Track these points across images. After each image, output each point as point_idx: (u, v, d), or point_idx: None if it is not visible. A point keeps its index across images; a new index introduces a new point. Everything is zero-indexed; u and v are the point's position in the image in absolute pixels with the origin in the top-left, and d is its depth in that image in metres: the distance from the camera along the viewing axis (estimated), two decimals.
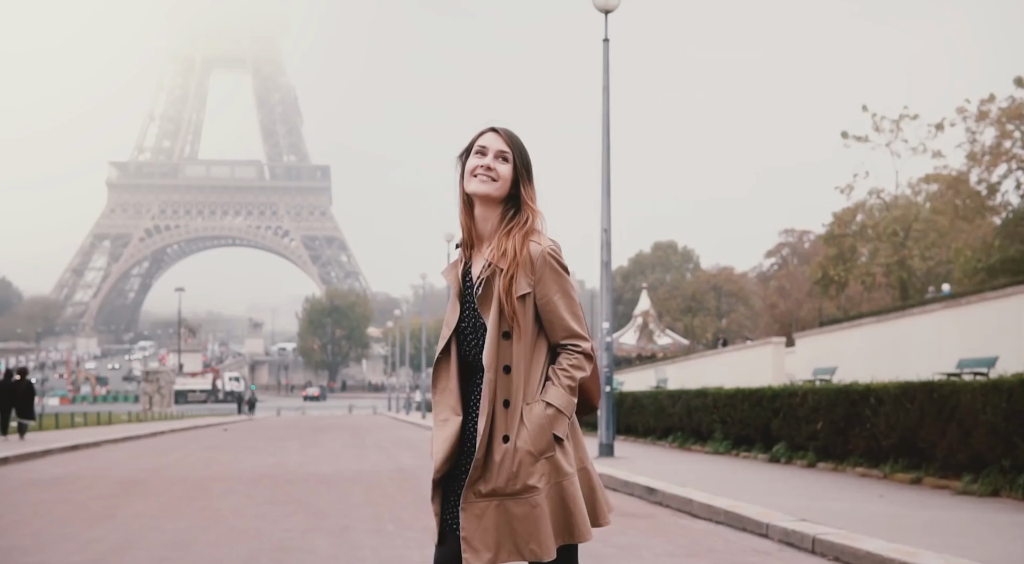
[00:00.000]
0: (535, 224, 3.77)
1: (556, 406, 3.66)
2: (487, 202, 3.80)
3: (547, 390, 3.68)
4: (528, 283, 3.68)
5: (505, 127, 3.87)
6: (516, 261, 3.67)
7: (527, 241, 3.72)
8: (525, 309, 3.69)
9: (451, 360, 3.80)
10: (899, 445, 13.24)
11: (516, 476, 3.62)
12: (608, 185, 20.34)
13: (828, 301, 63.25)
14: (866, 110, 52.95)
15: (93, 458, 23.23)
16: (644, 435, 24.71)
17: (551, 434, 3.65)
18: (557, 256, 3.73)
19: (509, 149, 3.81)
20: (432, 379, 3.81)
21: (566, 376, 3.70)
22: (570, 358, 3.72)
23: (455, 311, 3.82)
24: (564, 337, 3.73)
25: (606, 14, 20.47)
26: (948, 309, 26.99)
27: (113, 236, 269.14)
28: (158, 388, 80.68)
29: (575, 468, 3.74)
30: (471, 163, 3.80)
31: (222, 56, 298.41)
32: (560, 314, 3.71)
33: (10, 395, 29.06)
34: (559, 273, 3.73)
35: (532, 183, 3.85)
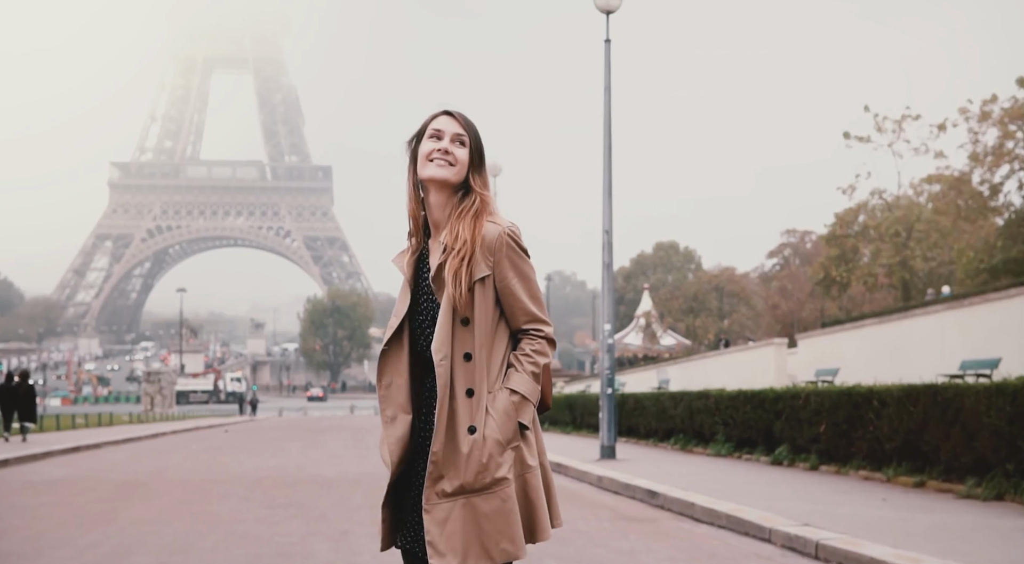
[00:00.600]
0: (488, 205, 3.61)
1: (521, 393, 3.50)
2: (443, 188, 3.63)
3: (510, 377, 3.53)
4: (487, 265, 3.52)
5: (458, 109, 3.71)
6: (471, 243, 3.51)
7: (482, 222, 3.56)
8: (484, 293, 3.52)
9: (402, 353, 3.62)
10: (902, 448, 13.17)
11: (486, 468, 3.44)
12: (609, 186, 20.28)
13: (830, 302, 63.21)
14: (868, 110, 52.95)
15: (93, 460, 23.18)
16: (646, 437, 24.64)
17: (517, 422, 3.49)
18: (516, 237, 3.58)
19: (465, 132, 3.66)
20: (377, 373, 3.62)
21: (529, 362, 3.55)
22: (533, 343, 3.57)
23: (406, 300, 3.64)
24: (526, 321, 3.58)
25: (607, 15, 20.41)
26: (950, 310, 26.93)
27: (115, 236, 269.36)
28: (159, 389, 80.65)
29: (537, 461, 3.58)
30: (425, 147, 3.63)
31: (224, 56, 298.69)
32: (520, 298, 3.56)
33: (11, 398, 29.08)
34: (519, 255, 3.57)
35: (484, 168, 3.70)
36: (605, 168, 20.31)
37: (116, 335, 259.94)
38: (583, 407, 31.75)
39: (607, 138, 20.38)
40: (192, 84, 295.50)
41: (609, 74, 20.52)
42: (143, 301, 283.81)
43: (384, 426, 3.58)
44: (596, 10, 20.39)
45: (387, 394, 3.60)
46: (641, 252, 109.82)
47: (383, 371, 3.62)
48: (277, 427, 48.33)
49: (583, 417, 31.48)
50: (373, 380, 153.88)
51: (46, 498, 14.03)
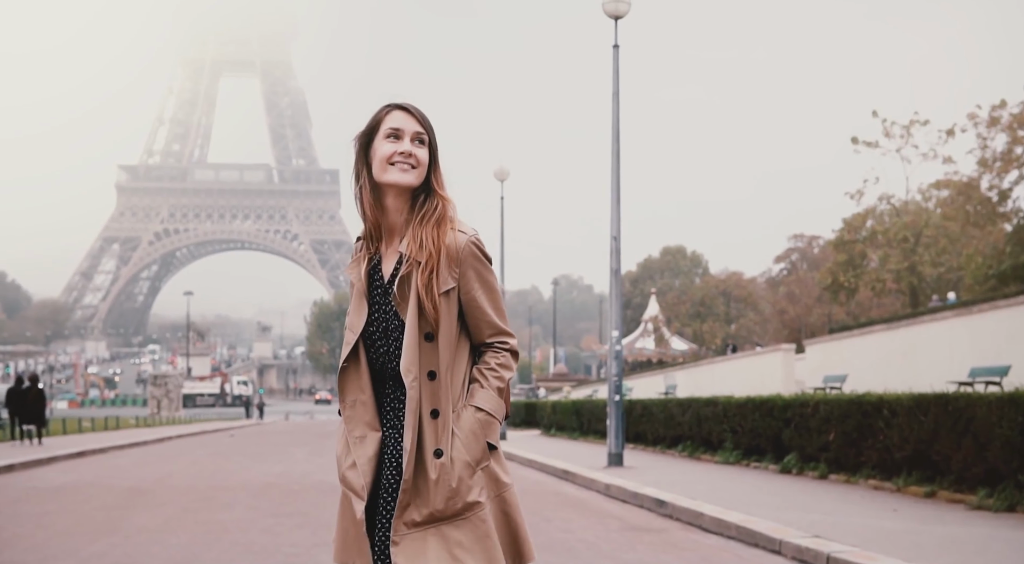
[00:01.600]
0: (449, 211, 3.40)
1: (487, 410, 3.32)
2: (403, 191, 3.39)
3: (475, 393, 3.34)
4: (452, 277, 3.32)
5: (411, 103, 3.46)
6: (436, 253, 3.31)
7: (446, 230, 3.35)
8: (449, 306, 3.32)
9: (361, 368, 3.38)
10: (913, 458, 13.07)
11: (456, 493, 3.23)
12: (618, 192, 20.20)
13: (838, 307, 63.02)
14: (876, 115, 52.82)
15: (99, 465, 23.12)
16: (653, 444, 24.54)
17: (485, 441, 3.30)
18: (481, 246, 3.39)
19: (424, 130, 3.42)
20: (340, 392, 3.38)
21: (495, 376, 3.37)
22: (498, 356, 3.40)
23: (361, 313, 3.40)
24: (491, 334, 3.40)
25: (616, 20, 20.33)
26: (959, 317, 26.82)
27: (122, 239, 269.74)
28: (166, 392, 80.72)
29: (511, 478, 3.40)
30: (384, 149, 3.37)
31: (231, 59, 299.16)
32: (486, 310, 3.37)
33: (21, 402, 29.12)
34: (484, 265, 3.38)
35: (440, 166, 3.47)
36: (613, 175, 20.23)
37: (123, 338, 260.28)
38: (590, 413, 31.66)
39: (615, 145, 20.29)
40: (200, 87, 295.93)
41: (617, 80, 20.42)
42: (150, 304, 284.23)
43: (353, 447, 3.35)
44: (604, 15, 20.35)
45: (353, 413, 3.38)
46: (648, 256, 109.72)
47: (345, 389, 3.38)
48: (283, 431, 48.31)
49: (590, 423, 31.40)
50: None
51: (50, 505, 13.96)
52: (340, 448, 3.41)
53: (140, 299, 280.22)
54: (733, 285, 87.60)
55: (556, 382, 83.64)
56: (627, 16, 20.26)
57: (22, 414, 29.36)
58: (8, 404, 29.75)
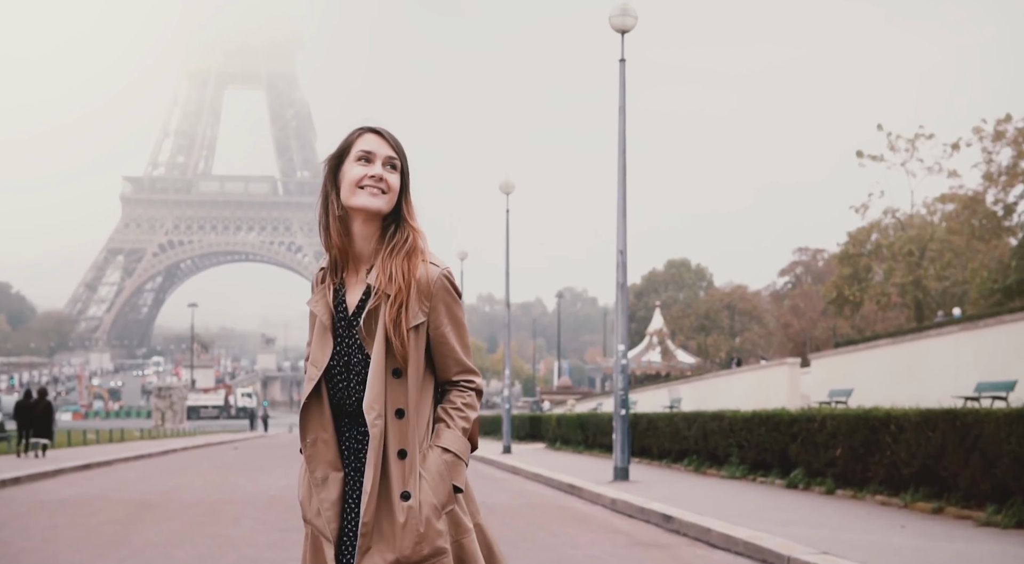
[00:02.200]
0: (421, 242, 3.28)
1: (454, 451, 3.21)
2: (372, 218, 3.27)
3: (440, 434, 3.22)
4: (422, 311, 3.20)
5: (384, 127, 3.36)
6: (407, 286, 3.18)
7: (418, 262, 3.23)
8: (418, 341, 3.20)
9: (323, 405, 3.24)
10: (920, 473, 13.05)
11: (424, 538, 3.10)
12: (624, 206, 20.22)
13: (842, 321, 63.02)
14: (881, 129, 52.86)
15: (105, 478, 23.12)
16: (659, 458, 24.52)
17: (451, 484, 3.18)
18: (452, 280, 3.28)
19: (397, 155, 3.30)
20: (301, 430, 3.24)
21: (461, 416, 3.25)
22: (463, 395, 3.28)
23: (325, 348, 3.25)
24: (457, 372, 3.28)
25: (622, 34, 20.39)
26: (965, 331, 26.83)
27: (127, 251, 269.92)
28: (170, 404, 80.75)
29: (472, 523, 3.27)
30: (354, 173, 3.26)
31: (237, 71, 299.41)
32: (453, 347, 3.26)
33: (28, 415, 29.21)
34: (455, 299, 3.27)
35: (411, 195, 3.34)
36: (619, 189, 20.25)
37: (127, 349, 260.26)
38: (595, 426, 31.63)
39: (621, 159, 20.32)
40: (205, 99, 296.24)
41: (624, 94, 20.46)
42: (154, 316, 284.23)
43: (316, 489, 3.22)
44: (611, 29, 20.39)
45: (314, 453, 3.24)
46: (653, 269, 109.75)
47: (307, 427, 3.23)
48: (288, 444, 48.26)
49: (595, 436, 31.37)
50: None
51: (58, 519, 13.96)
52: (303, 491, 3.27)
53: (144, 311, 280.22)
54: (738, 298, 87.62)
55: (560, 395, 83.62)
56: (633, 30, 20.33)
57: (30, 427, 29.44)
58: (16, 417, 29.82)
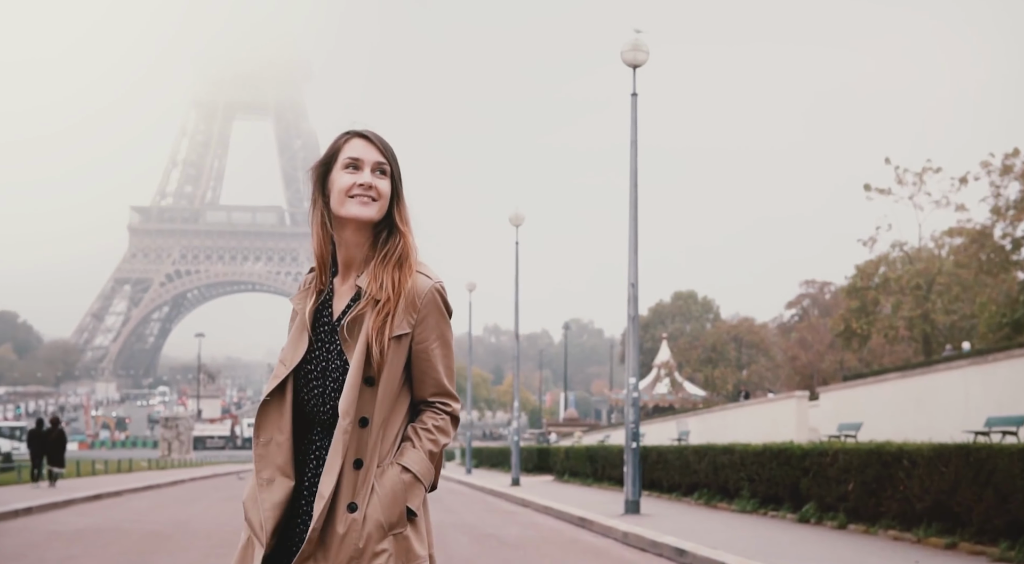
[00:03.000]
0: (413, 251, 3.19)
1: (414, 472, 3.07)
2: (363, 226, 3.17)
3: (404, 452, 3.09)
4: (408, 322, 3.10)
5: (373, 130, 3.24)
6: (396, 295, 3.09)
7: (411, 272, 3.14)
8: (398, 353, 3.09)
9: (285, 407, 3.12)
10: (933, 508, 13.08)
11: (361, 555, 2.98)
12: (636, 239, 20.33)
13: (850, 354, 62.99)
14: (889, 162, 53.00)
15: (116, 508, 23.16)
16: (669, 491, 24.52)
17: (404, 505, 3.05)
18: (444, 295, 3.18)
19: (386, 160, 3.19)
20: (255, 427, 3.13)
21: (429, 438, 3.12)
22: (436, 418, 3.15)
23: (299, 347, 3.17)
24: (433, 393, 3.16)
25: (634, 69, 20.54)
26: (975, 365, 26.83)
27: (134, 280, 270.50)
28: (177, 434, 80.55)
29: (427, 552, 3.12)
30: (343, 181, 3.15)
31: (245, 102, 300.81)
32: (435, 365, 3.14)
33: (42, 443, 29.52)
34: (444, 317, 3.16)
35: (404, 199, 3.23)
36: (631, 222, 20.36)
37: (133, 379, 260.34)
38: (605, 459, 31.63)
39: (633, 192, 20.43)
40: (213, 130, 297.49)
41: (635, 128, 20.60)
42: (160, 345, 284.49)
43: (259, 489, 3.09)
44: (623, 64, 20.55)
45: (264, 453, 3.11)
46: (659, 301, 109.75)
47: (262, 426, 3.12)
48: None
49: (604, 469, 31.35)
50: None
51: (74, 549, 14.01)
52: (248, 492, 3.16)
53: (150, 340, 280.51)
54: (745, 331, 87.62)
55: (567, 427, 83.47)
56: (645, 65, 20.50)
57: (44, 455, 29.76)
58: (30, 445, 30.10)
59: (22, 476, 31.85)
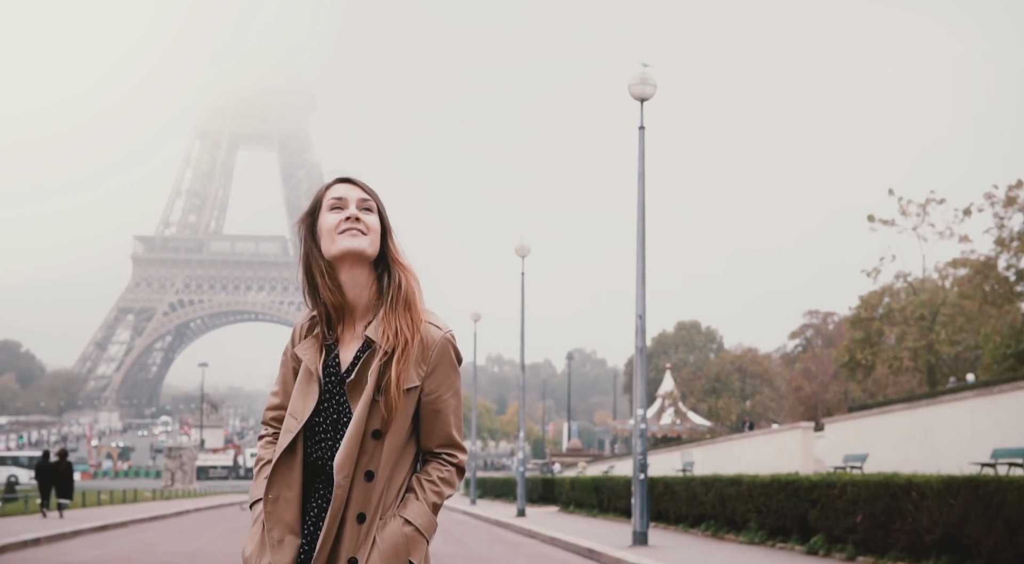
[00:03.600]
0: (416, 290, 3.14)
1: (416, 525, 3.03)
2: (358, 262, 3.12)
3: (408, 504, 3.05)
4: (419, 375, 3.06)
5: (353, 176, 3.24)
6: (407, 347, 3.04)
7: (418, 317, 3.10)
8: (407, 405, 3.05)
9: (295, 461, 3.07)
10: (942, 541, 13.12)
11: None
12: (643, 271, 20.44)
13: (854, 384, 62.98)
14: (892, 194, 53.18)
15: (124, 539, 23.19)
16: (675, 522, 24.51)
17: (406, 559, 3.00)
18: (456, 346, 3.14)
19: (370, 197, 3.18)
20: (267, 483, 3.06)
21: (434, 490, 3.09)
22: (441, 469, 3.12)
23: (308, 400, 3.09)
24: (440, 444, 3.13)
25: (642, 102, 20.69)
26: (980, 397, 26.87)
27: (137, 310, 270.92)
28: (180, 464, 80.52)
29: None
30: (329, 220, 3.14)
31: (249, 133, 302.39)
32: (446, 416, 3.11)
33: (51, 475, 29.69)
34: (455, 367, 3.13)
35: (394, 235, 3.21)
36: (639, 254, 20.47)
37: (136, 409, 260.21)
38: (610, 490, 31.62)
39: (640, 225, 20.55)
40: (217, 160, 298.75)
41: (643, 161, 20.73)
42: (163, 375, 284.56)
43: (269, 549, 3.04)
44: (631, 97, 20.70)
45: (274, 510, 3.05)
46: (663, 331, 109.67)
47: (273, 482, 3.06)
48: None
49: (610, 500, 31.34)
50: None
51: None
52: (253, 547, 3.09)
53: (153, 370, 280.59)
54: (748, 361, 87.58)
55: (571, 457, 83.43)
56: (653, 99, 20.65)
57: (52, 486, 29.91)
58: (38, 477, 30.24)
59: (28, 506, 31.90)
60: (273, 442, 3.20)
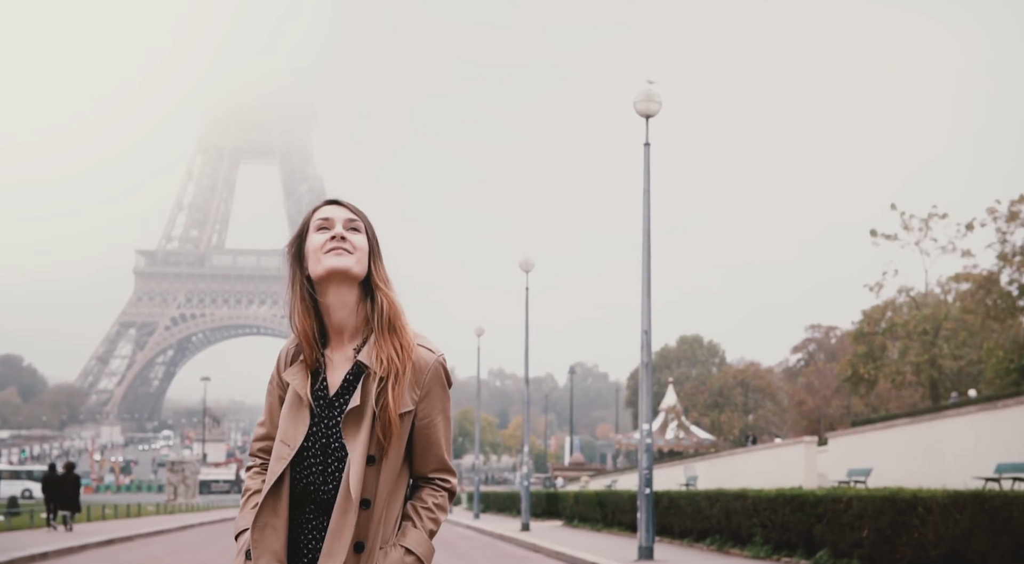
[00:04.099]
0: (399, 313, 3.10)
1: (417, 554, 3.00)
2: (344, 282, 3.08)
3: (407, 533, 3.02)
4: (412, 399, 3.03)
5: (341, 198, 3.21)
6: (402, 369, 3.02)
7: (408, 341, 3.07)
8: (403, 430, 3.02)
9: (283, 489, 3.00)
10: (948, 555, 13.19)
11: None
12: (648, 286, 20.53)
13: (857, 399, 63.06)
14: (895, 208, 53.33)
15: (130, 553, 23.28)
16: (680, 537, 24.56)
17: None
18: (447, 369, 3.12)
19: (358, 217, 3.15)
20: (258, 511, 3.00)
21: (430, 517, 3.07)
22: (436, 495, 3.11)
23: (299, 426, 3.03)
24: (435, 469, 3.11)
25: (647, 118, 20.82)
26: (984, 412, 26.95)
27: (139, 324, 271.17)
28: (183, 478, 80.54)
29: None
30: (316, 241, 3.10)
31: (251, 147, 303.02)
32: (438, 441, 3.09)
33: (57, 488, 29.94)
34: (446, 391, 3.11)
35: (381, 258, 3.17)
36: (644, 269, 20.57)
37: (138, 423, 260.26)
38: (615, 504, 31.66)
39: (646, 241, 20.65)
40: (219, 174, 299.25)
41: (648, 177, 20.84)
42: (165, 389, 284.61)
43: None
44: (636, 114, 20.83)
45: (261, 538, 2.98)
46: (665, 345, 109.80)
47: (264, 510, 2.99)
48: None
49: (614, 514, 31.38)
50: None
51: None
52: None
53: (155, 384, 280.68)
54: (751, 375, 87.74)
55: (574, 472, 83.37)
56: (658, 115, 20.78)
57: (59, 500, 30.14)
58: (45, 490, 30.49)
59: (34, 520, 32.00)
60: (262, 473, 3.16)
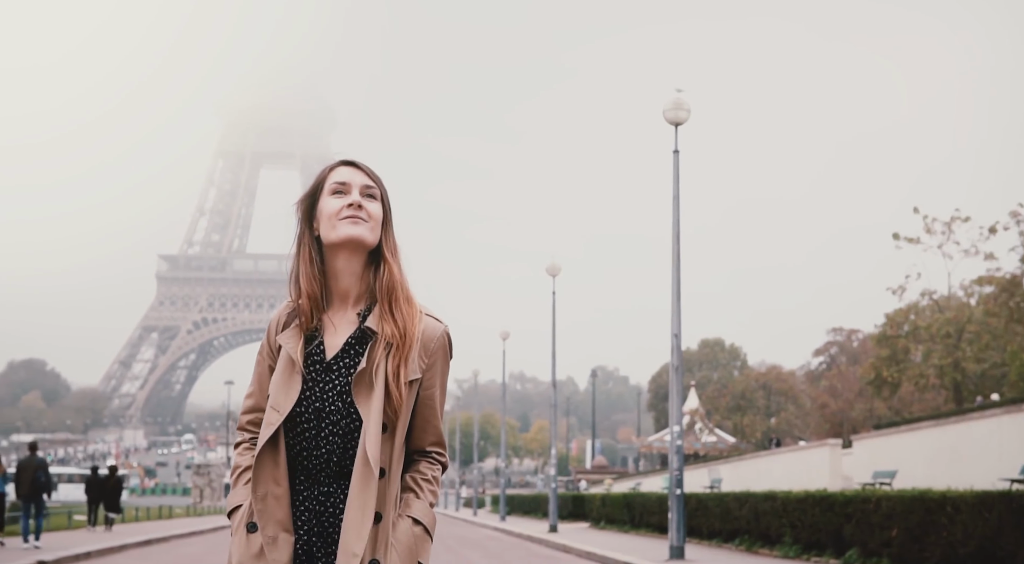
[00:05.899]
0: (400, 282, 3.03)
1: (424, 524, 2.97)
2: (356, 250, 3.02)
3: (411, 504, 2.98)
4: (420, 367, 2.98)
5: (358, 159, 3.13)
6: (411, 338, 2.96)
7: (413, 310, 3.01)
8: (410, 398, 2.97)
9: (279, 456, 2.92)
10: (977, 554, 13.54)
11: None
12: (678, 291, 20.93)
13: (880, 402, 63.18)
14: (917, 212, 53.46)
15: (170, 554, 23.76)
16: (709, 537, 24.93)
17: (417, 560, 2.94)
18: (451, 340, 3.07)
19: (375, 184, 3.06)
20: (253, 478, 2.91)
21: (430, 490, 3.03)
22: (433, 468, 3.06)
23: (291, 391, 2.94)
24: (432, 442, 3.07)
25: (676, 126, 21.22)
26: (1008, 414, 27.22)
27: (161, 328, 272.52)
28: (209, 481, 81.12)
29: None
30: (331, 205, 3.01)
31: (272, 152, 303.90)
32: (437, 412, 3.05)
33: (100, 489, 30.64)
34: (448, 362, 3.07)
35: (392, 228, 3.10)
36: (674, 274, 20.97)
37: (160, 426, 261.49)
38: (642, 506, 32.04)
39: (675, 246, 21.06)
40: (240, 179, 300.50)
41: (677, 184, 21.26)
42: (187, 393, 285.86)
43: (266, 548, 2.89)
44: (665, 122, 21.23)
45: (264, 508, 2.90)
46: (687, 348, 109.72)
47: (261, 478, 2.91)
48: None
49: (642, 516, 31.74)
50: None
51: None
52: (238, 556, 2.95)
53: (177, 388, 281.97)
54: (773, 378, 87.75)
55: (597, 474, 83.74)
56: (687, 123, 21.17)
57: (101, 501, 30.89)
58: (88, 492, 31.21)
59: (72, 521, 32.58)
60: (251, 448, 3.06)
